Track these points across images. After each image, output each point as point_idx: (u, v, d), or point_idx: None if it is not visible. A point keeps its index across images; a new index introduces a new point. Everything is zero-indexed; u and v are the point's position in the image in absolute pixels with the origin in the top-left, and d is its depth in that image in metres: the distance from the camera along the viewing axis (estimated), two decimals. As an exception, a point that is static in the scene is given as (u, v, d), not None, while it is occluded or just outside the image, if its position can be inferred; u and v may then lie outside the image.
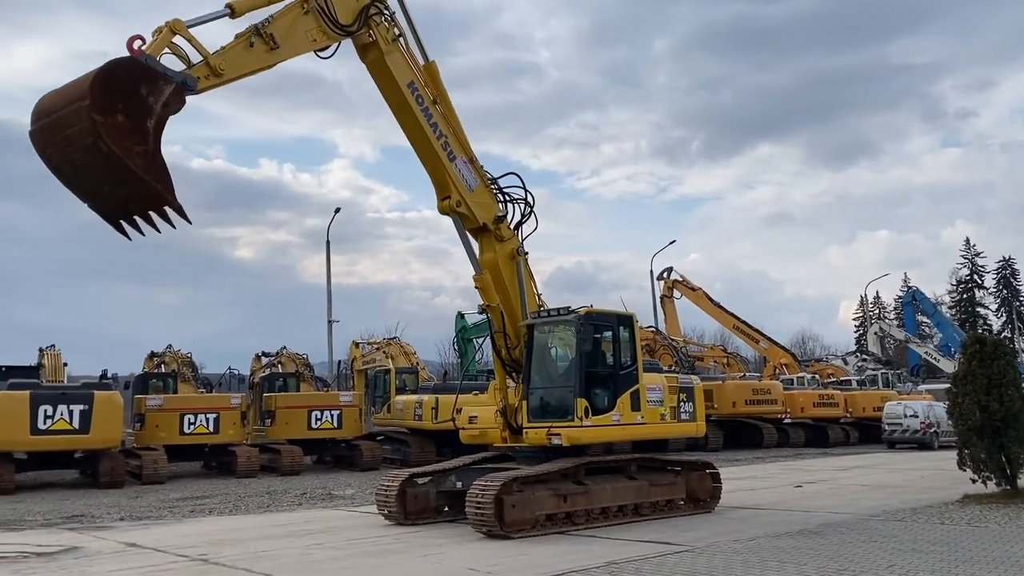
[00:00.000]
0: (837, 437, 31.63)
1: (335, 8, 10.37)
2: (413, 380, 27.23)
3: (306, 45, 10.14)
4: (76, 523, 13.02)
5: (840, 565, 8.06)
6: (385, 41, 11.08)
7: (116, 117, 7.69)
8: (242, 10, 9.27)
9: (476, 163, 11.95)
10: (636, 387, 11.78)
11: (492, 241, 11.98)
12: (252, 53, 9.35)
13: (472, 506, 10.22)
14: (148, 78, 8.00)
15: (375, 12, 10.99)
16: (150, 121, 7.97)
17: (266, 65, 9.57)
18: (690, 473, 12.54)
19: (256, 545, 10.27)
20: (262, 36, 9.38)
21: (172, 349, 28.44)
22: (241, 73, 9.26)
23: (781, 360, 38.38)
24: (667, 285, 40.80)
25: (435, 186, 11.80)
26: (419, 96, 11.35)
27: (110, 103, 7.64)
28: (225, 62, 8.91)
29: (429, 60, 11.73)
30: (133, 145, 7.76)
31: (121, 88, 7.77)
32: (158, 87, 8.04)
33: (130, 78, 7.91)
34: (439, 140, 11.49)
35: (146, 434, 20.87)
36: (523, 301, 12.02)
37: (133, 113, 7.84)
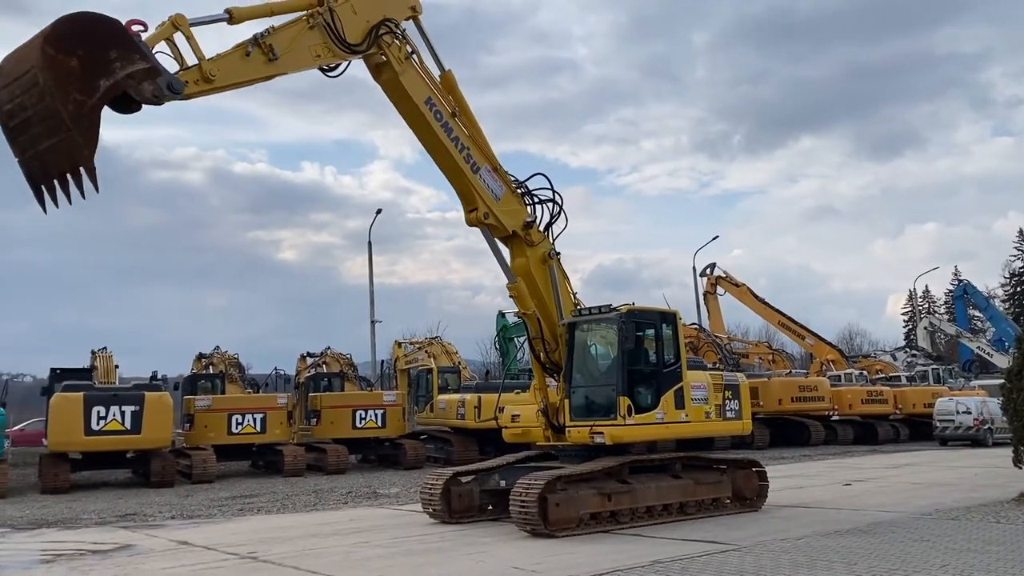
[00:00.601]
0: (887, 434, 31.00)
1: (342, 26, 10.05)
2: (455, 379, 27.31)
3: (309, 60, 9.85)
4: (129, 521, 13.33)
5: (891, 565, 7.90)
6: (398, 61, 10.74)
7: (70, 60, 7.29)
8: (241, 17, 9.07)
9: (500, 170, 11.70)
10: (680, 385, 11.67)
11: (523, 247, 11.78)
12: (248, 63, 9.07)
13: (516, 505, 10.23)
14: (124, 46, 7.66)
15: (385, 32, 10.63)
16: (104, 81, 7.49)
17: (262, 76, 9.29)
18: (736, 471, 12.40)
19: (303, 543, 10.41)
20: (260, 46, 9.11)
21: (220, 350, 28.84)
22: (234, 82, 8.98)
23: (828, 356, 37.71)
24: (710, 281, 40.34)
25: (460, 199, 11.61)
26: (437, 112, 11.07)
27: (70, 45, 7.29)
28: (218, 69, 8.66)
29: (445, 70, 11.44)
30: (74, 92, 7.30)
31: (89, 38, 7.44)
32: (131, 59, 7.65)
33: (105, 35, 7.57)
34: (461, 153, 11.23)
35: (195, 434, 21.27)
36: (558, 304, 11.86)
37: (90, 64, 7.40)
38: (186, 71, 8.40)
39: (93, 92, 7.42)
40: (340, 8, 10.09)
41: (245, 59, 9.00)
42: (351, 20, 10.22)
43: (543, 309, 11.85)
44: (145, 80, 7.78)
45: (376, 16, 10.53)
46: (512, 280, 11.76)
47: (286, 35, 9.49)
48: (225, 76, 8.75)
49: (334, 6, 9.99)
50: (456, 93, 11.44)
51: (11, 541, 11.73)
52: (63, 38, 7.28)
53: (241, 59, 8.97)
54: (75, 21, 7.38)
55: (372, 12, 10.53)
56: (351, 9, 10.25)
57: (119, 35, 7.66)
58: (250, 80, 9.23)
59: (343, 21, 10.06)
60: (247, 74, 9.11)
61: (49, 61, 7.17)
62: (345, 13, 10.14)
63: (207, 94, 8.72)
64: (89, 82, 7.39)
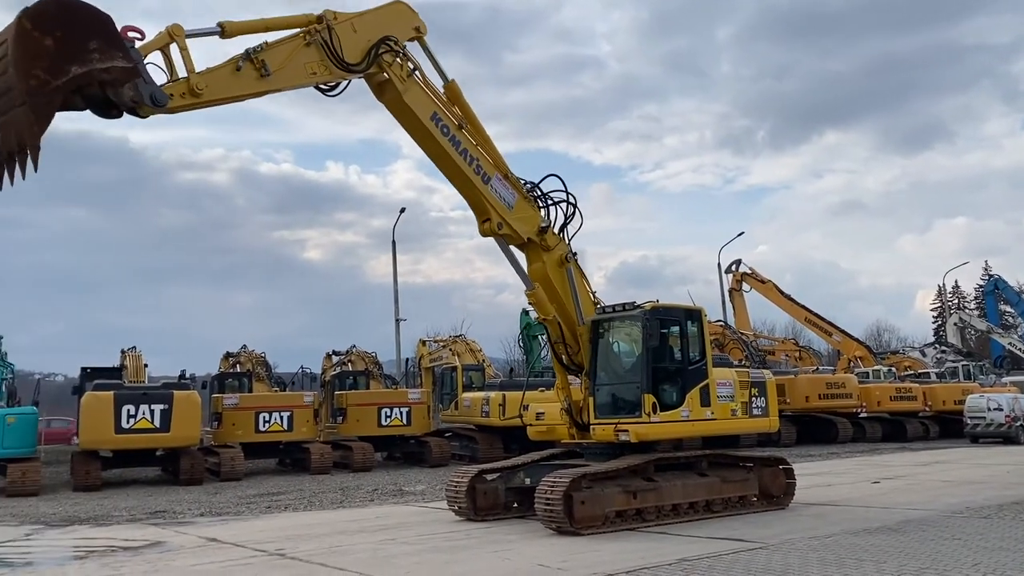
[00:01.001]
0: (916, 431, 30.62)
1: (340, 45, 9.77)
2: (479, 377, 27.36)
3: (304, 78, 9.55)
4: (159, 518, 13.50)
5: (922, 563, 7.81)
6: (400, 79, 10.45)
7: (44, 38, 6.99)
8: (233, 32, 8.84)
9: (511, 176, 11.46)
10: (706, 382, 11.61)
11: (539, 252, 11.58)
12: (238, 78, 8.82)
13: (541, 503, 10.23)
14: (108, 40, 7.37)
15: (386, 50, 10.30)
16: (76, 68, 7.15)
17: (253, 92, 9.06)
18: (763, 469, 12.32)
19: (331, 540, 10.49)
20: (252, 61, 8.86)
21: (247, 349, 29.12)
22: (222, 97, 8.74)
23: (855, 353, 37.32)
24: (735, 278, 40.11)
25: (473, 210, 11.41)
26: (444, 126, 10.81)
27: (49, 24, 7.02)
28: (206, 83, 8.42)
29: (448, 80, 11.15)
30: (39, 69, 6.97)
31: (72, 23, 7.17)
32: (111, 55, 7.37)
33: (89, 24, 7.29)
34: (471, 165, 11.01)
35: (223, 432, 21.49)
36: (578, 305, 11.71)
37: (65, 48, 7.10)
38: (173, 84, 8.20)
39: (59, 75, 7.09)
40: (340, 27, 9.85)
41: (235, 74, 8.77)
42: (350, 39, 9.96)
43: (563, 312, 11.72)
44: (125, 82, 7.56)
45: (377, 36, 10.25)
46: (530, 286, 11.59)
47: (281, 51, 9.23)
48: (213, 91, 8.53)
49: (333, 24, 9.75)
50: (461, 103, 11.18)
51: (45, 538, 11.92)
52: (44, 16, 7.02)
53: (231, 74, 8.75)
54: (62, 3, 7.18)
55: (373, 32, 10.25)
56: (351, 28, 9.99)
57: (105, 29, 7.42)
58: (240, 96, 9.02)
59: (342, 40, 9.82)
60: (237, 89, 8.88)
61: (22, 35, 6.90)
62: (344, 32, 9.90)
63: (193, 108, 8.51)
64: (59, 64, 7.09)
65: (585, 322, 11.68)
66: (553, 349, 11.94)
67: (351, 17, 10.10)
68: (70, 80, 7.16)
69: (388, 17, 10.58)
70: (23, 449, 18.33)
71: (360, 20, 10.14)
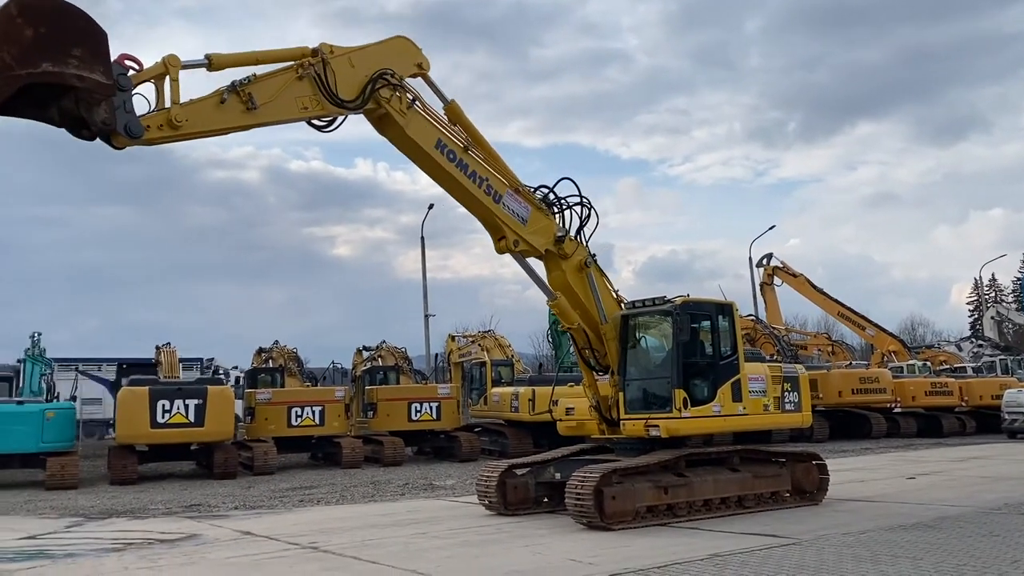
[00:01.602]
0: (952, 427, 30.12)
1: (335, 80, 9.37)
2: (508, 372, 27.40)
3: (294, 112, 9.19)
4: (194, 511, 13.69)
5: (959, 560, 7.69)
6: (400, 113, 10.05)
7: (26, 28, 6.75)
8: (221, 64, 8.55)
9: (522, 189, 11.17)
10: (737, 377, 11.53)
11: (557, 261, 11.36)
12: (222, 111, 8.51)
13: (572, 497, 10.23)
14: (94, 51, 7.11)
15: (383, 85, 9.88)
16: (49, 65, 6.84)
17: (238, 126, 8.75)
18: (795, 464, 12.21)
19: (363, 534, 10.57)
20: (238, 94, 8.56)
21: (279, 345, 29.41)
22: (205, 130, 8.49)
23: (889, 347, 36.82)
24: (767, 272, 39.68)
25: (487, 229, 11.19)
26: (450, 152, 10.48)
27: (37, 16, 6.79)
28: (187, 116, 8.14)
29: (448, 102, 10.77)
30: (6, 53, 6.69)
31: (62, 23, 6.95)
32: (92, 67, 7.09)
33: (79, 30, 7.06)
34: (481, 187, 10.72)
35: (256, 427, 21.72)
36: (600, 307, 11.55)
37: (44, 43, 6.82)
38: (152, 115, 7.96)
39: (26, 65, 6.76)
40: (336, 61, 9.44)
41: (219, 107, 8.46)
42: (347, 74, 9.56)
43: (587, 318, 11.58)
44: (100, 99, 7.32)
45: (376, 70, 9.87)
46: (552, 296, 11.43)
47: (270, 84, 8.87)
48: (194, 123, 8.25)
49: (329, 58, 9.35)
50: (463, 122, 10.84)
51: (84, 530, 12.16)
52: (35, 8, 6.82)
53: (215, 107, 8.45)
54: (59, 4, 6.97)
55: (372, 67, 9.85)
56: (348, 62, 9.61)
57: (96, 42, 7.19)
58: (223, 130, 8.71)
59: (337, 74, 9.42)
60: (220, 123, 8.59)
61: (4, 18, 6.70)
62: (340, 66, 9.51)
63: (172, 141, 8.24)
64: (31, 55, 6.79)
65: (608, 320, 11.57)
66: (580, 355, 11.84)
67: (349, 51, 9.71)
68: (37, 74, 6.83)
69: (389, 52, 10.21)
70: (62, 443, 18.68)
71: (359, 54, 9.78)
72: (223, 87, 8.55)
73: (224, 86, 8.54)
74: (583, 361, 11.86)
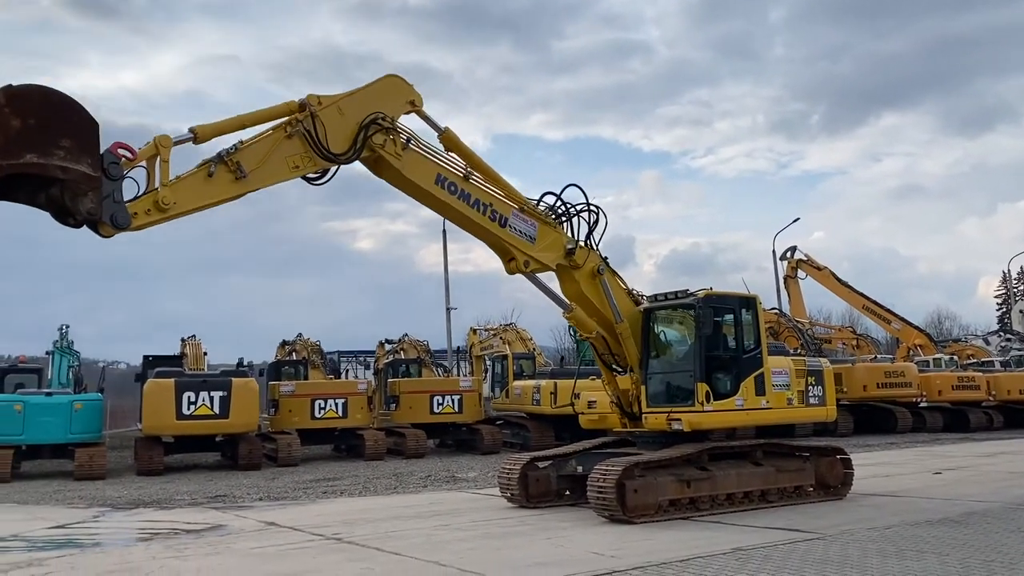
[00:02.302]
0: (979, 421, 29.75)
1: (325, 134, 9.02)
2: (530, 365, 27.43)
3: (286, 173, 8.86)
4: (219, 502, 13.85)
5: (987, 556, 7.60)
6: (396, 156, 9.69)
7: (13, 118, 6.72)
8: (207, 135, 8.27)
9: (527, 207, 10.89)
10: (760, 371, 11.45)
11: (570, 272, 11.13)
12: (211, 184, 8.21)
13: (594, 490, 10.22)
14: (82, 144, 7.07)
15: (376, 131, 9.50)
16: (32, 156, 6.78)
17: (229, 196, 8.47)
18: (819, 459, 12.11)
19: (386, 525, 10.64)
20: (226, 163, 8.27)
21: (302, 337, 29.61)
22: (195, 207, 8.17)
23: (915, 341, 36.37)
24: (791, 265, 39.32)
25: (495, 252, 10.96)
26: (450, 184, 10.16)
27: (25, 107, 6.79)
28: (175, 195, 7.89)
29: (442, 130, 10.45)
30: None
31: (52, 115, 6.92)
32: (79, 158, 7.03)
33: (68, 122, 6.99)
34: (485, 214, 10.44)
35: (280, 419, 21.92)
36: (616, 310, 11.36)
37: (31, 134, 6.77)
38: (140, 199, 7.76)
39: (9, 156, 6.70)
40: (325, 112, 9.08)
41: (207, 181, 8.17)
42: (337, 123, 9.20)
43: (606, 325, 11.47)
44: (86, 191, 7.17)
45: (366, 116, 9.49)
46: (568, 308, 11.31)
47: (258, 148, 8.57)
48: (184, 202, 8.00)
49: (318, 110, 9.00)
50: (461, 148, 10.52)
51: (111, 520, 12.33)
52: (24, 99, 6.79)
53: (203, 181, 8.15)
54: (49, 94, 6.91)
55: (363, 112, 9.47)
56: (337, 111, 9.24)
57: (85, 133, 7.11)
58: (213, 204, 8.44)
59: (327, 126, 9.06)
60: (209, 198, 8.29)
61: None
62: (330, 117, 9.14)
63: (161, 223, 8.01)
64: (16, 147, 6.74)
65: (623, 320, 11.48)
66: (601, 360, 11.78)
67: (338, 99, 9.35)
68: (19, 165, 6.76)
69: (380, 95, 9.79)
70: (90, 434, 18.99)
71: (348, 101, 9.41)
72: (210, 159, 8.26)
73: (211, 158, 8.24)
74: (604, 365, 11.81)
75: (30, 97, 6.87)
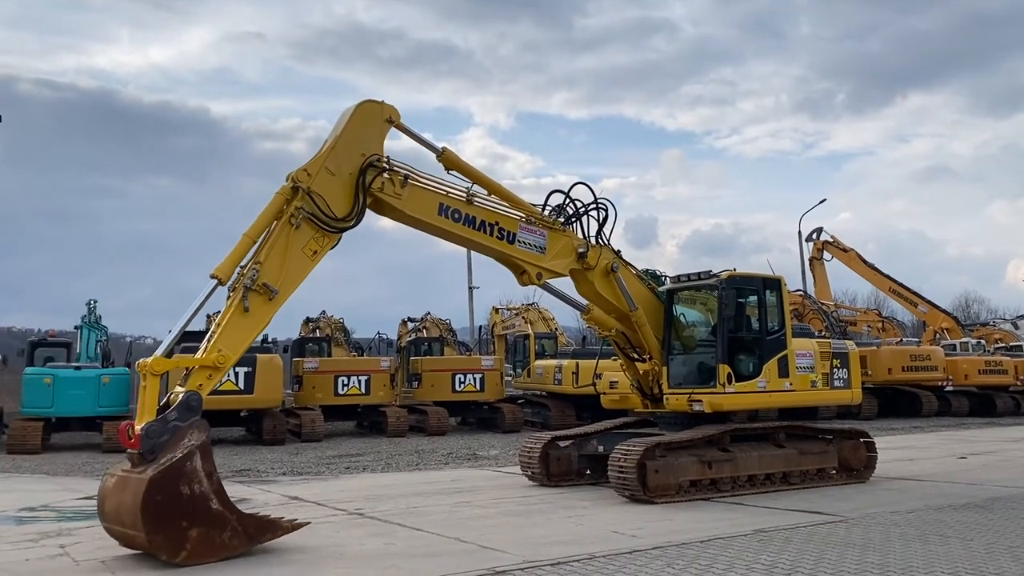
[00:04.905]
0: (1006, 406, 29.43)
1: (325, 202, 8.66)
2: (552, 345, 27.48)
3: (307, 264, 8.62)
4: (244, 476, 14.03)
5: (1012, 542, 7.53)
6: (396, 197, 9.33)
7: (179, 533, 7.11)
8: (227, 273, 8.09)
9: (535, 216, 10.64)
10: (784, 353, 11.38)
11: (583, 274, 10.99)
12: (252, 317, 8.10)
13: (615, 470, 10.25)
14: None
15: (373, 176, 9.08)
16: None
17: (269, 319, 8.38)
18: (843, 442, 12.05)
19: (407, 501, 10.74)
20: (256, 291, 8.11)
21: (326, 315, 29.84)
22: (245, 349, 8.22)
23: (942, 324, 36.00)
24: (816, 246, 38.99)
25: (507, 268, 10.79)
26: (454, 212, 9.88)
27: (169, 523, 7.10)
28: (221, 353, 7.86)
29: (440, 151, 10.17)
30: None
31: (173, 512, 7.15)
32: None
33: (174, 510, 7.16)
34: (492, 235, 10.23)
35: (304, 395, 22.14)
36: (630, 300, 11.22)
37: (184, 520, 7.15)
38: (190, 376, 7.83)
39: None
40: (317, 183, 8.65)
41: (245, 317, 8.07)
42: (333, 187, 8.81)
43: (623, 317, 11.40)
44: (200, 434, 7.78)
45: (357, 160, 9.04)
46: (585, 309, 11.23)
47: (275, 259, 8.32)
48: (236, 349, 8.00)
49: (311, 185, 8.60)
50: (461, 166, 10.24)
51: (139, 492, 12.52)
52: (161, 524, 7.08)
53: (241, 320, 8.06)
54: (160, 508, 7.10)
55: (351, 158, 9.04)
56: (327, 174, 8.79)
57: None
58: (256, 334, 8.44)
59: (326, 195, 8.69)
60: (255, 331, 8.29)
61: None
62: (324, 183, 8.72)
63: (220, 378, 8.15)
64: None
65: (637, 307, 11.29)
66: (624, 354, 11.71)
67: (323, 159, 8.83)
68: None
69: (358, 131, 9.21)
70: (118, 407, 19.29)
71: (331, 157, 8.89)
72: (237, 296, 8.13)
73: (237, 295, 8.14)
74: (626, 357, 11.76)
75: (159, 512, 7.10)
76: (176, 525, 7.09)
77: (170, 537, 7.04)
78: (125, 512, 7.13)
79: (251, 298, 8.10)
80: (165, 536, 7.02)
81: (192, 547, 7.13)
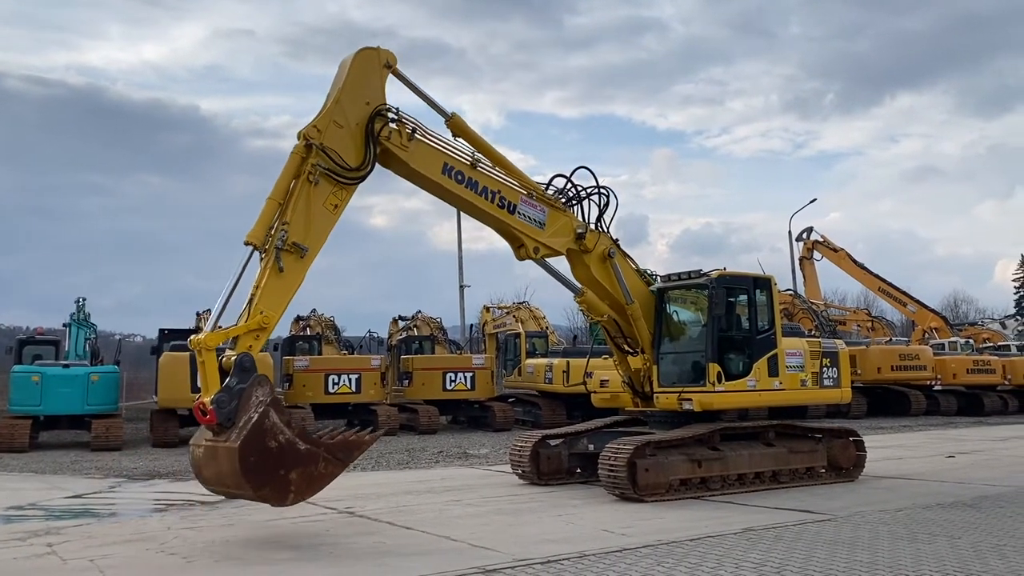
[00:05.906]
0: (994, 405, 29.60)
1: (339, 155, 8.86)
2: (543, 344, 27.47)
3: (331, 218, 8.86)
4: (234, 475, 13.95)
5: (998, 540, 7.58)
6: (402, 148, 9.45)
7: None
8: (260, 238, 8.35)
9: (536, 192, 10.72)
10: (774, 352, 11.41)
11: (580, 256, 11.01)
12: (286, 277, 8.35)
13: (605, 469, 10.26)
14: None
15: (382, 124, 9.27)
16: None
17: (301, 278, 8.59)
18: (832, 440, 12.09)
19: (398, 500, 10.73)
20: (288, 251, 8.35)
21: (316, 313, 29.75)
22: (285, 306, 8.50)
23: (931, 324, 36.20)
24: (806, 246, 39.14)
25: (505, 239, 10.85)
26: (457, 173, 9.96)
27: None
28: (264, 315, 8.17)
29: (449, 115, 10.22)
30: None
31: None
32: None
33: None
34: (493, 202, 10.29)
35: (294, 393, 22.07)
36: (626, 291, 11.28)
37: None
38: (240, 337, 8.23)
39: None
40: (327, 136, 8.85)
41: (281, 277, 8.31)
42: (343, 138, 9.00)
43: (616, 307, 11.42)
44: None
45: (363, 109, 9.19)
46: (578, 292, 11.25)
47: (299, 215, 8.55)
48: (277, 309, 8.31)
49: (323, 141, 8.80)
50: (468, 134, 10.29)
51: (127, 491, 12.50)
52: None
53: (277, 279, 8.30)
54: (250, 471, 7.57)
55: (357, 107, 9.18)
56: (336, 126, 8.98)
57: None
58: (292, 296, 8.60)
59: (338, 147, 8.89)
60: (292, 289, 8.48)
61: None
62: (334, 137, 8.92)
63: (267, 338, 8.50)
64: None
65: (633, 301, 11.39)
66: (614, 343, 11.75)
67: (329, 113, 8.99)
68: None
69: (358, 80, 9.28)
70: (106, 406, 19.20)
71: (338, 109, 9.05)
72: (270, 258, 8.34)
73: (270, 256, 8.34)
74: (616, 347, 11.80)
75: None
76: (276, 475, 7.59)
77: (275, 488, 7.61)
78: (228, 477, 7.61)
79: (284, 258, 8.35)
80: (271, 488, 7.60)
81: (296, 488, 7.72)
